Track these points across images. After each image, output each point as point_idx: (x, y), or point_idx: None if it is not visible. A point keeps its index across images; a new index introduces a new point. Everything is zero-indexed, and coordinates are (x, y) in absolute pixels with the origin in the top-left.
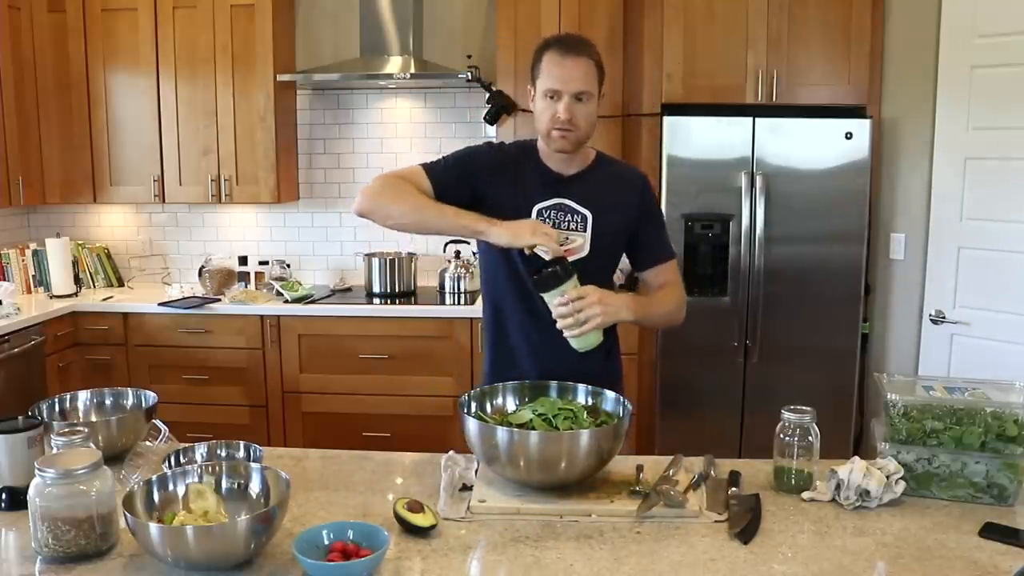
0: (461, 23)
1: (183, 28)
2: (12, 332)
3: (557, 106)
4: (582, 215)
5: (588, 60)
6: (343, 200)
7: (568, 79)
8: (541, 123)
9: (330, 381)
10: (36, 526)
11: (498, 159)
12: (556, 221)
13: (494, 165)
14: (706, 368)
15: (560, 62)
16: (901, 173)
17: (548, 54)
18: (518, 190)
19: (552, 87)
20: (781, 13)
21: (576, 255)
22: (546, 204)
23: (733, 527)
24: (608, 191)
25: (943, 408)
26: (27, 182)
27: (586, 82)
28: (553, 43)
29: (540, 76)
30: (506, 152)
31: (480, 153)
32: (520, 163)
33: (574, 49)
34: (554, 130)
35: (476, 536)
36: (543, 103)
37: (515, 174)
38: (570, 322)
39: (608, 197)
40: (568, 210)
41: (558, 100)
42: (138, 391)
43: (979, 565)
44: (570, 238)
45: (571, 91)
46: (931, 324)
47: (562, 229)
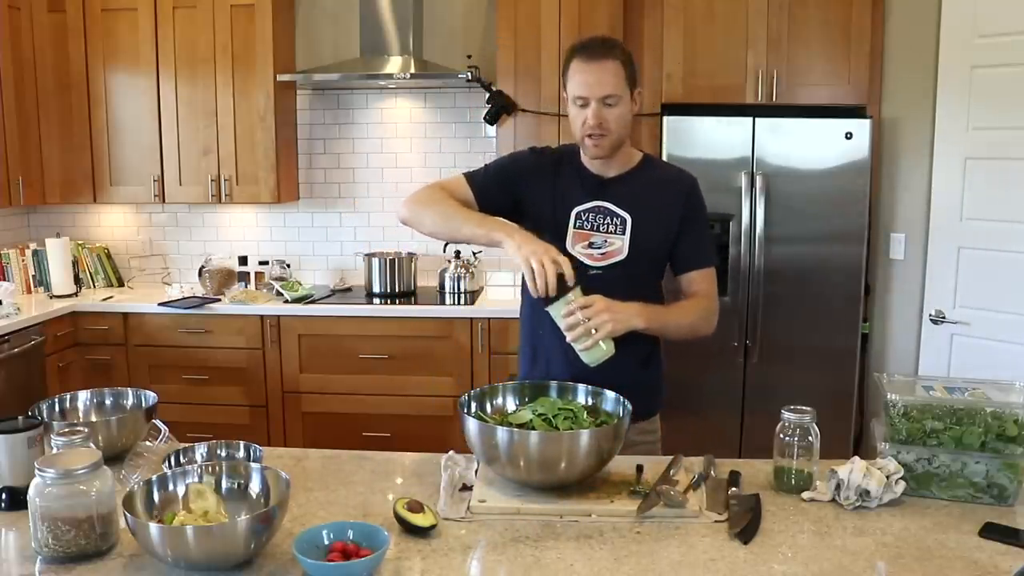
0: (461, 23)
1: (183, 28)
2: (12, 332)
3: (586, 112)
4: (621, 218)
5: (613, 62)
6: (343, 200)
7: (593, 84)
8: (575, 130)
9: (330, 381)
10: (36, 526)
11: (538, 163)
12: (595, 224)
13: (534, 169)
14: (706, 368)
15: (584, 68)
16: (901, 173)
17: (574, 61)
18: (557, 193)
19: (579, 94)
20: (781, 13)
21: (615, 258)
22: (585, 207)
23: (733, 527)
24: (650, 194)
25: (943, 408)
26: (27, 182)
27: (612, 85)
28: (578, 49)
29: (568, 83)
30: (547, 157)
31: (521, 158)
32: (561, 167)
33: (598, 53)
34: (586, 137)
35: (476, 536)
36: (574, 110)
37: (554, 177)
38: (580, 332)
39: (650, 201)
40: (607, 212)
41: (586, 106)
42: (138, 391)
43: (979, 565)
44: (608, 241)
45: (597, 96)
46: (931, 324)
47: (600, 232)
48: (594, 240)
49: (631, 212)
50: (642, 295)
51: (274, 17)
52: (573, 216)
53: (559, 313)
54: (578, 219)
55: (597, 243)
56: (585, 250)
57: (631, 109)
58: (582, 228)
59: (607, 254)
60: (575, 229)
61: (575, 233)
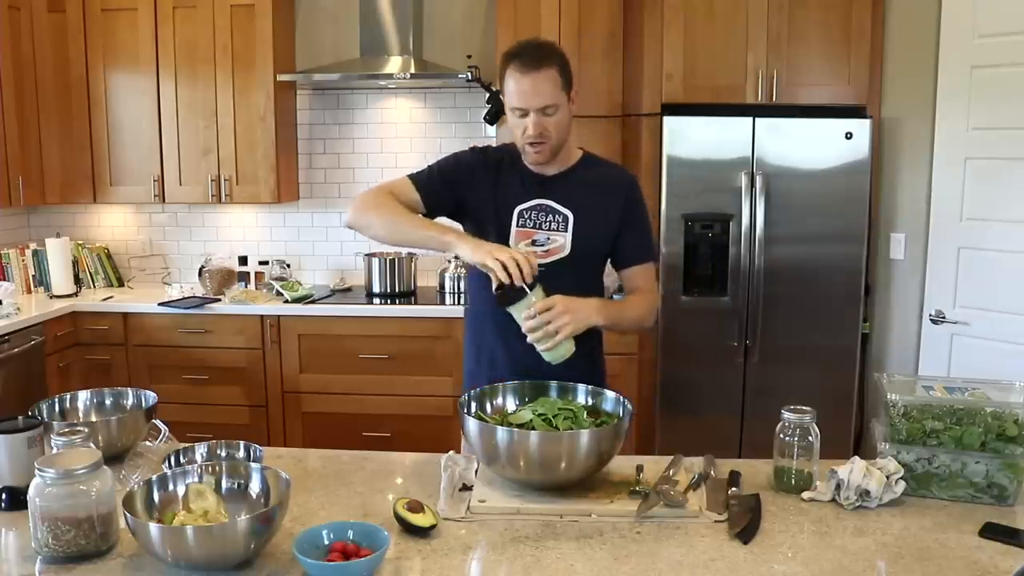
0: (461, 23)
1: (183, 28)
2: (12, 332)
3: (526, 122)
4: (563, 215)
5: (549, 70)
6: (343, 200)
7: (531, 95)
8: (515, 137)
9: (330, 381)
10: (36, 526)
11: (481, 162)
12: (537, 222)
13: (476, 169)
14: (706, 368)
15: (520, 79)
16: (901, 173)
17: (509, 71)
18: (499, 193)
19: (517, 105)
20: (781, 13)
21: (557, 255)
22: (527, 205)
23: (733, 527)
24: (591, 191)
25: (943, 408)
26: (27, 182)
27: (550, 95)
28: (512, 58)
29: (505, 92)
30: (490, 155)
31: (464, 159)
32: (503, 165)
33: (533, 63)
34: (527, 145)
35: (476, 536)
36: (513, 119)
37: (496, 176)
38: (540, 335)
39: (591, 197)
40: (549, 210)
41: (525, 116)
42: (138, 391)
43: (979, 565)
44: (550, 238)
45: (536, 107)
46: (931, 324)
47: (543, 229)
48: (537, 238)
49: (572, 209)
50: (586, 289)
51: (274, 17)
52: (515, 215)
53: (520, 315)
54: (520, 217)
55: (540, 240)
56: (528, 248)
57: (569, 112)
58: (524, 226)
59: (550, 251)
60: (518, 228)
61: (518, 232)
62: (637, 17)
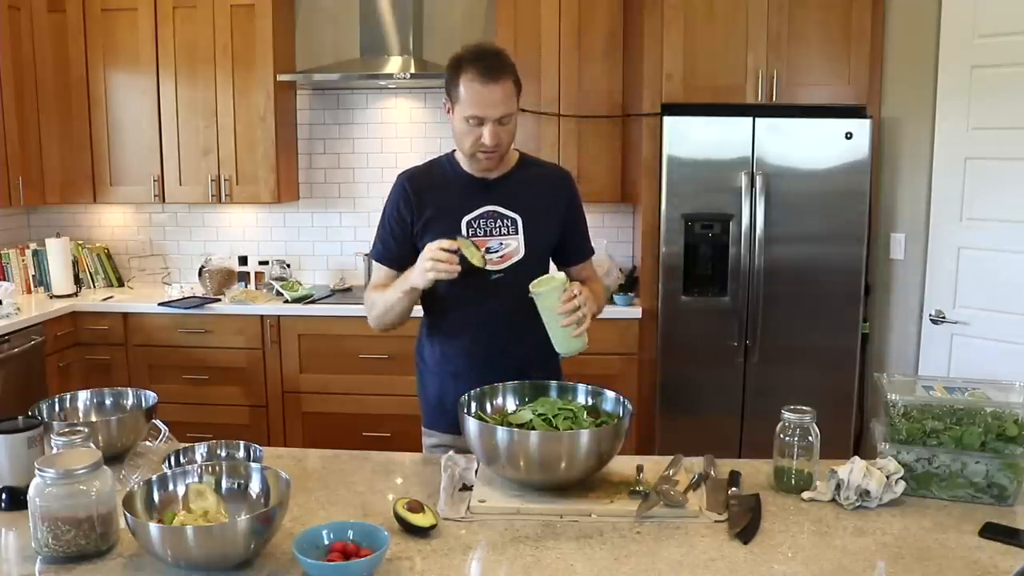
0: (461, 23)
1: (183, 28)
2: (12, 332)
3: (481, 131)
4: (512, 219)
5: (507, 80)
6: (343, 200)
7: (490, 106)
8: (463, 145)
9: (330, 381)
10: (36, 526)
11: (413, 189)
12: (487, 229)
13: (410, 198)
14: (706, 368)
15: (480, 89)
16: (901, 173)
17: (466, 78)
18: (444, 209)
19: (474, 114)
20: (781, 13)
21: (513, 259)
22: (474, 215)
23: (733, 527)
24: (535, 192)
25: (943, 408)
26: (27, 182)
27: (508, 105)
28: (470, 65)
29: (460, 101)
30: (418, 180)
31: (396, 201)
32: (438, 180)
33: (495, 73)
34: (479, 152)
35: (476, 536)
36: (464, 126)
37: (436, 192)
38: (575, 318)
39: (535, 198)
40: (497, 216)
41: (481, 125)
42: (138, 391)
43: (979, 565)
44: (503, 243)
45: (495, 117)
46: (931, 324)
47: (494, 235)
48: (490, 245)
49: (520, 212)
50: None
51: (274, 17)
52: (464, 226)
53: (553, 300)
54: (469, 227)
55: (494, 247)
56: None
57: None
58: (476, 236)
59: (505, 256)
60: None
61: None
62: (637, 17)
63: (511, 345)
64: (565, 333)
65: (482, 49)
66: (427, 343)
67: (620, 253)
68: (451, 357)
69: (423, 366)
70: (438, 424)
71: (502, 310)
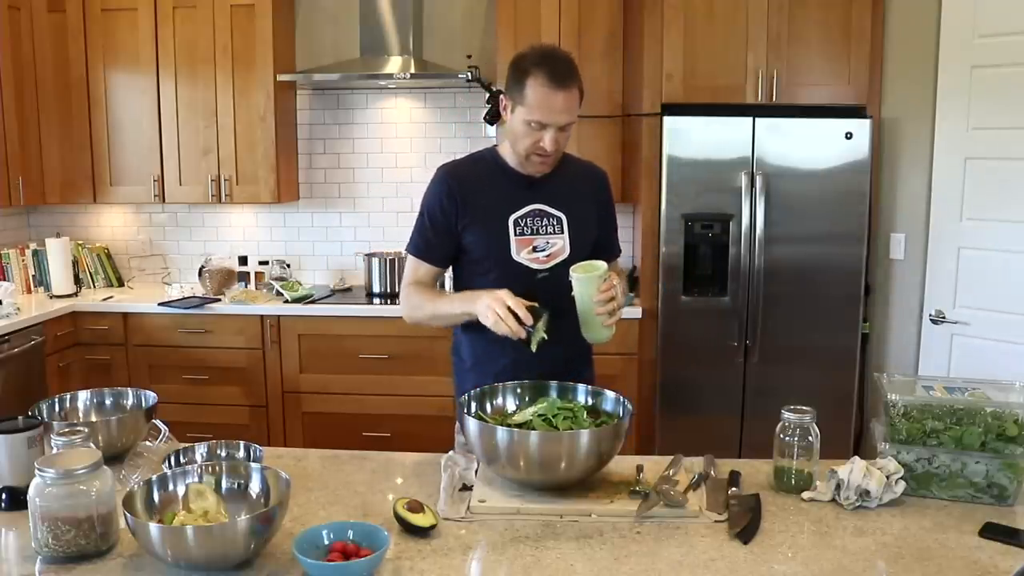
0: (461, 23)
1: (183, 28)
2: (12, 332)
3: (542, 135)
4: (557, 218)
5: (575, 88)
6: (343, 200)
7: (559, 112)
8: (520, 146)
9: (330, 381)
10: (36, 526)
11: (458, 183)
12: (534, 227)
13: (454, 193)
14: (706, 368)
15: (551, 95)
16: (901, 173)
17: (537, 81)
18: (488, 205)
19: (541, 120)
20: (781, 13)
21: (559, 258)
22: (521, 213)
23: (733, 527)
24: (576, 189)
25: (943, 408)
26: (27, 182)
27: (572, 112)
28: (542, 69)
29: (526, 103)
30: (461, 176)
31: (439, 198)
32: (483, 176)
33: (566, 80)
34: (535, 155)
35: (476, 536)
36: (525, 128)
37: (481, 189)
38: (612, 307)
39: (577, 196)
40: (543, 215)
41: (543, 129)
42: (138, 391)
43: (979, 565)
44: (550, 242)
45: (561, 124)
46: (931, 324)
47: (541, 235)
48: (537, 244)
49: (564, 210)
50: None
51: (274, 17)
52: (511, 224)
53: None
54: (517, 226)
55: (540, 246)
56: (530, 255)
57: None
58: (523, 234)
59: (551, 255)
60: (516, 237)
61: (517, 240)
62: (637, 17)
63: (553, 344)
64: (598, 322)
65: (553, 53)
66: (466, 341)
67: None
68: (493, 356)
69: (461, 364)
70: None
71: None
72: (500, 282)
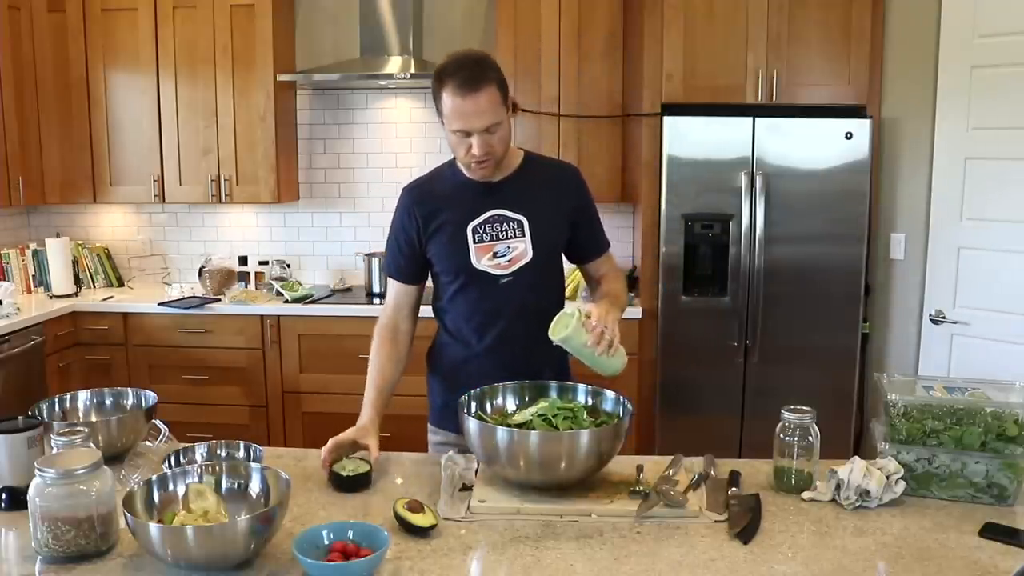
0: (461, 23)
1: (183, 28)
2: (12, 332)
3: (470, 142)
4: (518, 221)
5: (488, 89)
6: (343, 200)
7: (473, 117)
8: (457, 155)
9: (330, 381)
10: (36, 526)
11: (416, 201)
12: (493, 233)
13: (414, 212)
14: (706, 368)
15: (463, 103)
16: (901, 173)
17: (448, 92)
18: (449, 218)
19: (459, 128)
20: (781, 13)
21: (521, 261)
22: (479, 220)
23: (733, 527)
24: (540, 192)
25: (943, 408)
26: (27, 182)
27: (492, 114)
28: (452, 79)
29: (444, 114)
30: (422, 190)
31: (403, 215)
32: (441, 189)
33: (472, 84)
34: (472, 163)
35: (476, 536)
36: (454, 138)
37: (440, 202)
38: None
39: (541, 198)
40: (503, 219)
41: (469, 136)
42: (138, 391)
43: (979, 565)
44: (511, 247)
45: (479, 128)
46: (931, 324)
47: (501, 240)
48: (498, 249)
49: (525, 213)
50: (552, 288)
51: (274, 17)
52: (470, 232)
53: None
54: (475, 234)
55: (501, 251)
56: (491, 261)
57: (510, 122)
58: (482, 241)
59: (513, 259)
60: (475, 244)
61: (477, 248)
62: (637, 17)
63: (520, 348)
64: (604, 359)
65: (461, 59)
66: (438, 344)
67: (620, 253)
68: (461, 360)
69: (431, 366)
70: (445, 424)
71: (510, 313)
72: (465, 291)
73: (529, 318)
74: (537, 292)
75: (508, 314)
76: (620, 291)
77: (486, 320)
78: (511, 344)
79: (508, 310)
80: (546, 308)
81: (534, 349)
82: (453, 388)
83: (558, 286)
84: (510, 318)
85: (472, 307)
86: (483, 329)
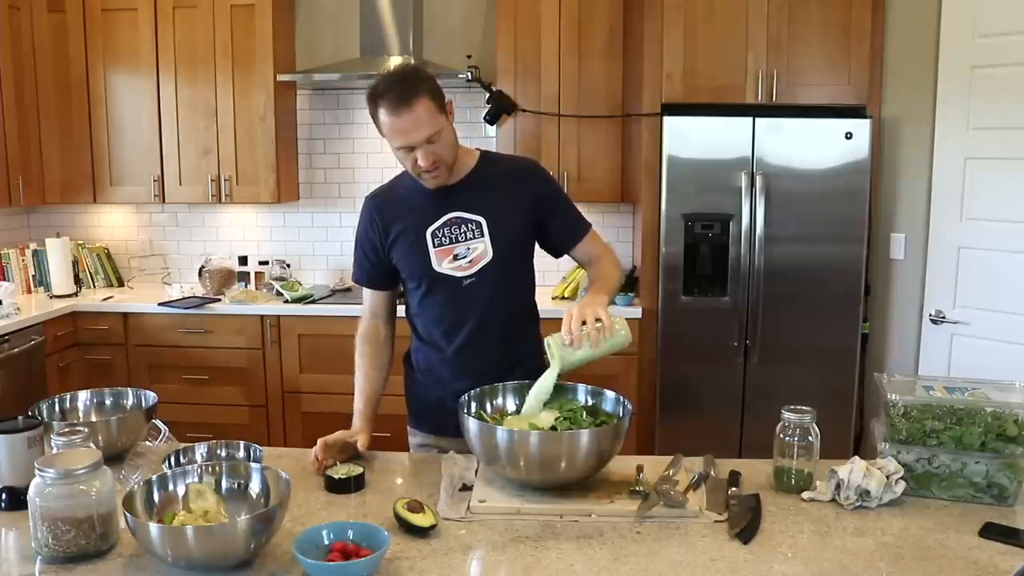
0: (461, 23)
1: (183, 28)
2: (12, 332)
3: (415, 155)
4: (476, 222)
5: (420, 101)
6: (343, 200)
7: (411, 132)
8: (407, 168)
9: (330, 381)
10: (36, 526)
11: (377, 210)
12: (452, 236)
13: (375, 220)
14: (706, 368)
15: (397, 120)
16: (901, 173)
17: (382, 112)
18: (408, 222)
19: (399, 144)
20: (781, 13)
21: (482, 261)
22: (437, 224)
23: (733, 527)
24: (497, 190)
25: (943, 408)
26: (27, 182)
27: (429, 124)
28: (380, 99)
29: (384, 133)
30: (382, 199)
31: (363, 221)
32: (401, 196)
33: (404, 100)
34: (423, 174)
35: (476, 536)
36: (399, 153)
37: (400, 209)
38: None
39: (498, 197)
40: (461, 221)
41: (413, 150)
42: (138, 391)
43: (979, 565)
44: (471, 248)
45: (418, 142)
46: (931, 324)
47: (460, 242)
48: (458, 252)
49: (483, 213)
50: (519, 284)
51: (274, 17)
52: (429, 237)
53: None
54: (434, 238)
55: (462, 253)
56: (452, 264)
57: (452, 127)
58: (442, 245)
59: (474, 260)
60: (435, 248)
61: (437, 252)
62: (637, 17)
63: (492, 349)
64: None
65: (390, 78)
66: (412, 347)
67: (620, 253)
68: (433, 362)
69: (408, 368)
70: (422, 425)
71: (477, 314)
72: (431, 295)
73: (498, 317)
74: (504, 291)
75: (476, 315)
76: (609, 271)
77: (454, 322)
78: (482, 344)
79: (475, 311)
80: (515, 306)
81: (506, 348)
82: (427, 391)
83: (526, 283)
84: (478, 318)
85: (440, 311)
86: (452, 331)
